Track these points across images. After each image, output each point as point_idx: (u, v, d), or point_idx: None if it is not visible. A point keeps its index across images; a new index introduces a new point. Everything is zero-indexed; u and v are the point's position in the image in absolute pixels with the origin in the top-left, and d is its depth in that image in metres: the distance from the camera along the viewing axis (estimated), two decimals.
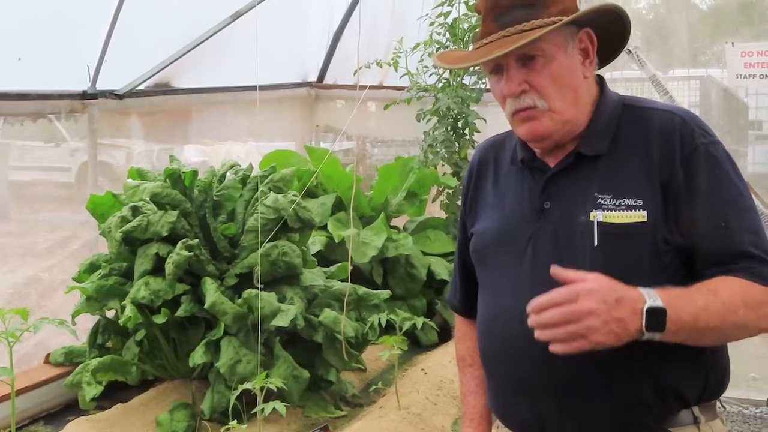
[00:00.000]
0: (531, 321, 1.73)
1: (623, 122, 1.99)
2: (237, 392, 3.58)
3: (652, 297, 1.72)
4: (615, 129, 1.98)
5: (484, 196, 2.19)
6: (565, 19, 1.91)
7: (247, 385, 3.51)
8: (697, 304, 1.76)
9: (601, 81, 2.07)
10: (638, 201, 1.88)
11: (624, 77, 5.54)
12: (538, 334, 1.72)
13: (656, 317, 1.71)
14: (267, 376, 3.63)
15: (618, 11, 1.98)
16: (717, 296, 1.78)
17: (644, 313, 1.70)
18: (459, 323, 2.39)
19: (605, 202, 1.90)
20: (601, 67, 2.09)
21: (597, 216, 1.88)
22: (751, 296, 1.80)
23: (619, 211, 1.88)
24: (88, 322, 4.74)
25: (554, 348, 1.71)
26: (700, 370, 1.93)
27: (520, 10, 1.92)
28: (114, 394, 4.41)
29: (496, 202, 2.14)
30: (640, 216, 1.87)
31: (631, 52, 5.16)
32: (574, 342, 1.70)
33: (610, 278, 1.72)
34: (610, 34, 2.04)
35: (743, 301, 1.78)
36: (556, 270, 1.76)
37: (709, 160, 1.90)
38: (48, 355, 4.74)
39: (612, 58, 2.12)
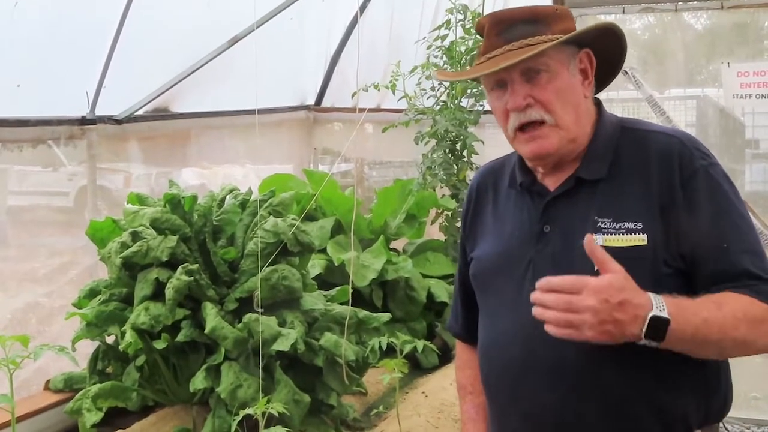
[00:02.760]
0: (534, 296, 1.79)
1: (622, 145, 2.00)
2: (238, 417, 3.56)
3: (659, 306, 1.75)
4: (614, 152, 1.99)
5: (483, 221, 2.21)
6: (570, 35, 1.95)
7: (249, 411, 3.49)
8: (700, 316, 1.78)
9: (598, 103, 2.10)
10: (638, 224, 1.89)
11: (620, 98, 5.56)
12: (536, 311, 1.79)
13: (658, 327, 1.74)
14: (268, 401, 3.62)
15: (616, 30, 2.00)
16: (720, 310, 1.80)
17: (647, 320, 1.74)
18: (460, 350, 2.40)
19: (605, 226, 1.91)
20: (597, 92, 2.12)
21: (597, 240, 1.88)
22: (753, 313, 1.82)
23: (619, 234, 1.90)
24: (88, 347, 4.72)
25: (547, 328, 1.78)
26: (702, 393, 1.95)
27: (525, 26, 1.96)
28: (114, 420, 4.39)
29: (496, 227, 2.15)
30: (640, 240, 1.88)
31: (627, 72, 5.19)
32: (566, 329, 1.75)
33: (628, 278, 1.76)
34: (607, 59, 2.06)
35: (745, 317, 1.81)
36: (589, 241, 1.79)
37: (708, 182, 1.91)
38: (48, 382, 4.73)
39: (608, 82, 2.14)
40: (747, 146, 5.59)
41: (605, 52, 2.05)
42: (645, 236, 1.89)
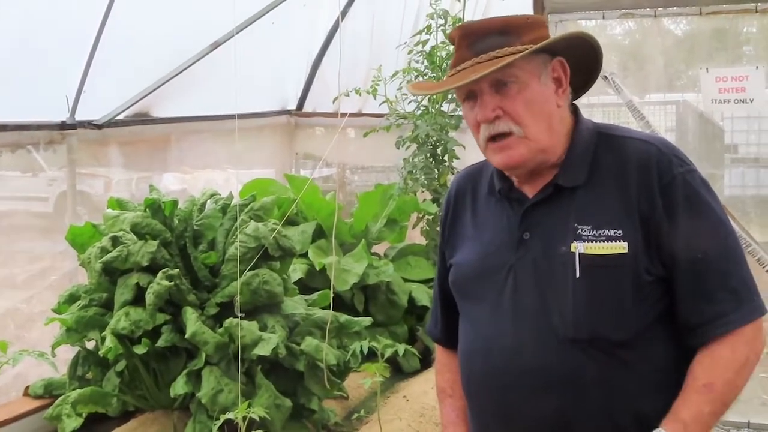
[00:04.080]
0: None
1: (599, 151, 1.99)
2: (219, 422, 3.56)
3: None
4: (592, 158, 1.98)
5: (462, 227, 2.19)
6: (536, 46, 1.92)
7: (230, 415, 3.49)
8: (704, 415, 1.85)
9: (575, 110, 2.08)
10: (618, 232, 1.89)
11: (601, 102, 5.58)
12: None
13: None
14: (249, 405, 3.61)
15: (587, 39, 1.99)
16: (714, 390, 1.85)
17: None
18: (439, 354, 2.39)
19: (585, 233, 1.91)
20: (576, 98, 2.10)
21: (578, 247, 1.90)
22: (737, 360, 1.87)
23: (600, 242, 1.90)
24: (67, 353, 4.70)
25: None
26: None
27: (494, 38, 1.94)
28: (94, 426, 4.38)
29: (475, 233, 2.14)
30: (620, 247, 1.88)
31: (607, 77, 5.21)
32: None
33: None
34: (584, 65, 2.05)
35: (735, 372, 1.86)
36: None
37: (686, 189, 1.90)
38: (27, 388, 4.70)
39: (586, 89, 2.12)
40: (726, 151, 5.62)
41: (581, 60, 2.03)
42: (625, 244, 1.88)
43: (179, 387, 4.12)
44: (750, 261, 4.40)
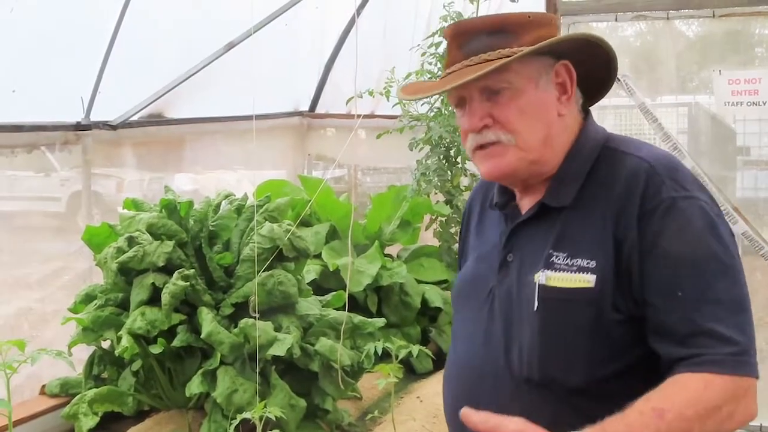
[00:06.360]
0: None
1: (597, 168, 1.79)
2: (236, 422, 3.58)
3: None
4: (586, 177, 1.79)
5: (471, 238, 2.09)
6: (532, 48, 1.72)
7: (246, 415, 3.51)
8: None
9: (586, 117, 1.90)
10: (591, 262, 1.69)
11: (613, 104, 5.59)
12: None
13: None
14: (265, 405, 3.63)
15: (597, 41, 1.80)
16: (663, 418, 1.53)
17: None
18: None
19: (558, 261, 1.72)
20: (591, 104, 1.94)
21: (540, 278, 1.72)
22: (706, 401, 1.55)
23: (570, 272, 1.70)
24: (82, 353, 4.73)
25: None
26: None
27: (488, 38, 1.76)
28: (110, 425, 4.40)
29: (476, 245, 2.03)
30: (586, 281, 1.68)
31: (620, 79, 5.22)
32: None
33: (537, 427, 1.57)
34: (597, 69, 1.87)
35: (697, 414, 1.54)
36: (466, 413, 1.64)
37: (674, 216, 1.66)
38: (44, 386, 4.73)
39: (601, 96, 1.94)
40: (738, 153, 5.62)
41: (592, 64, 1.84)
42: (594, 278, 1.67)
43: (195, 387, 4.14)
44: (763, 265, 4.40)
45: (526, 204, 1.87)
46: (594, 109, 1.98)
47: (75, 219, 6.01)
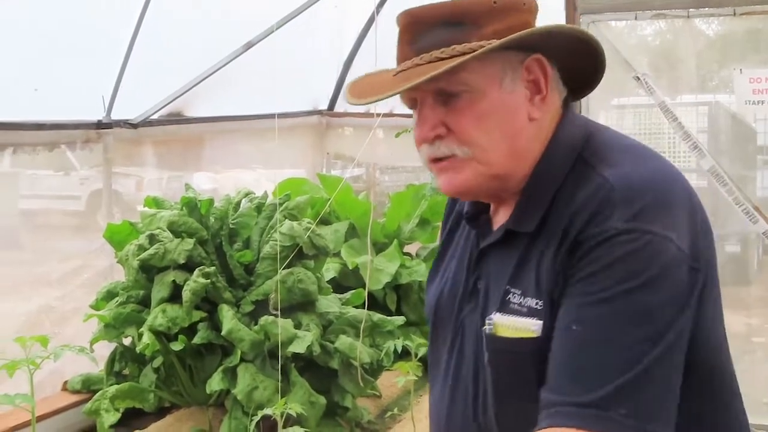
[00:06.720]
0: None
1: (566, 185, 1.44)
2: (257, 418, 3.60)
3: None
4: (555, 194, 1.45)
5: (449, 241, 1.74)
6: (490, 46, 1.40)
7: (268, 411, 3.53)
8: None
9: (563, 118, 1.53)
10: (539, 303, 1.40)
11: (632, 104, 5.58)
12: None
13: None
14: (286, 402, 3.65)
15: (575, 33, 1.48)
16: None
17: None
18: None
19: (514, 300, 1.44)
20: (578, 98, 1.62)
21: (488, 326, 1.45)
22: None
23: (520, 316, 1.42)
24: (104, 349, 4.76)
25: None
26: None
27: (442, 30, 1.43)
28: (131, 421, 4.43)
29: (443, 262, 1.72)
30: (532, 330, 1.40)
31: (639, 78, 5.21)
32: None
33: None
34: (582, 60, 1.54)
35: None
36: None
37: (607, 251, 1.32)
38: (65, 383, 4.76)
39: (587, 91, 1.61)
40: (759, 152, 5.60)
41: (577, 56, 1.52)
42: (540, 324, 1.39)
43: (215, 383, 4.17)
44: None
45: (500, 218, 1.55)
46: (612, 110, 1.69)
47: (95, 217, 6.04)
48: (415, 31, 1.46)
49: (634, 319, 1.30)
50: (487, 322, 1.45)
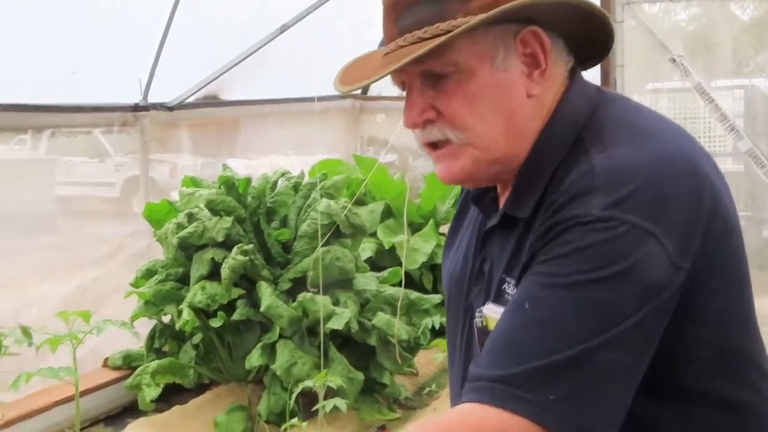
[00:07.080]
0: None
1: (561, 169, 1.32)
2: (297, 390, 3.63)
3: None
4: (552, 175, 1.33)
5: (455, 222, 1.68)
6: (478, 18, 1.27)
7: (308, 383, 3.56)
8: None
9: (567, 90, 1.40)
10: None
11: (667, 88, 5.55)
12: None
13: None
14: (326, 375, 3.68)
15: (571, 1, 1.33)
16: None
17: None
18: None
19: (508, 290, 1.36)
20: (587, 68, 1.48)
21: (478, 317, 1.40)
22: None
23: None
24: (143, 327, 4.81)
25: None
26: None
27: (425, 7, 1.32)
28: (170, 397, 4.48)
29: (458, 237, 1.63)
30: None
31: (675, 60, 5.18)
32: None
33: None
34: (587, 35, 1.41)
35: None
36: None
37: (579, 237, 1.22)
38: (106, 359, 4.82)
39: (594, 63, 1.49)
40: None
41: (582, 28, 1.38)
42: None
43: (254, 359, 4.20)
44: None
45: (504, 199, 1.45)
46: (647, 94, 1.53)
47: (129, 203, 6.12)
48: (399, 9, 1.35)
49: (585, 309, 1.20)
50: (477, 314, 1.39)
